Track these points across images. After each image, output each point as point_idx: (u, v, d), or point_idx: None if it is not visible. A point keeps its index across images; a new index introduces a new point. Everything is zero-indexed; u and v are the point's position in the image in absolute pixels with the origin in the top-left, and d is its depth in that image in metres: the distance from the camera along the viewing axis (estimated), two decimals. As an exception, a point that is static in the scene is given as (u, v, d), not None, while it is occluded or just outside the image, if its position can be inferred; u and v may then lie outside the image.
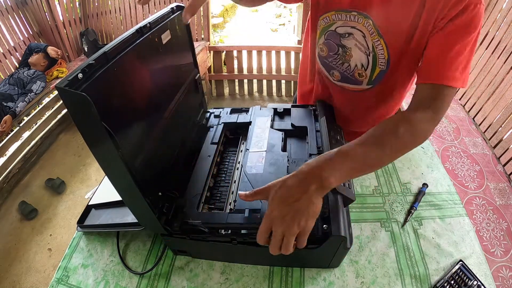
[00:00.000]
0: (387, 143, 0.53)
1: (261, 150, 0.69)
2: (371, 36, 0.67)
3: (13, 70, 2.63)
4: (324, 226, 0.52)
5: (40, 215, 2.11)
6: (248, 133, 0.76)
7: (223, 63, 3.12)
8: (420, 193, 0.76)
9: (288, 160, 0.66)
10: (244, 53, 2.99)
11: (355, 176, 0.53)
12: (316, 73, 0.86)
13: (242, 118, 0.82)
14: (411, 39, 0.62)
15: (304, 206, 0.46)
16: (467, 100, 1.91)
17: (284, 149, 0.71)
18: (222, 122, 0.81)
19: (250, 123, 0.79)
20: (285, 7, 5.61)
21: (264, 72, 3.07)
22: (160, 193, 0.57)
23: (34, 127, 2.51)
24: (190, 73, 0.76)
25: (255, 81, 3.17)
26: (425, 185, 0.79)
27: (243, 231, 0.55)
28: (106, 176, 0.76)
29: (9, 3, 2.60)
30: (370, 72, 0.73)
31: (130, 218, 0.63)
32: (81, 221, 0.73)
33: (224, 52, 3.07)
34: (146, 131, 0.55)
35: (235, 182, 0.67)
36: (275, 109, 0.83)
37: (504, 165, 1.52)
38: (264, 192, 0.50)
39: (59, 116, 2.80)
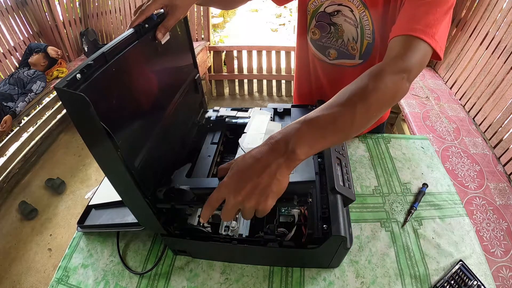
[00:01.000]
0: (356, 102, 0.46)
1: (260, 133, 0.69)
2: (357, 8, 0.72)
3: (13, 70, 2.63)
4: (324, 226, 0.52)
5: (40, 215, 2.11)
6: (246, 126, 0.75)
7: (223, 63, 3.12)
8: (420, 193, 0.76)
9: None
10: (244, 53, 2.99)
11: (326, 146, 0.46)
12: (310, 63, 0.91)
13: (242, 118, 0.82)
14: (388, 8, 0.67)
15: (266, 182, 0.41)
16: (467, 100, 1.91)
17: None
18: (222, 122, 0.81)
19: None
20: (285, 7, 5.60)
21: (264, 72, 3.07)
22: (159, 193, 0.57)
23: (34, 127, 2.51)
24: (189, 73, 0.76)
25: (255, 81, 3.17)
26: (425, 185, 0.78)
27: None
28: (106, 176, 0.76)
29: (9, 3, 2.60)
30: (360, 45, 0.77)
31: (130, 218, 0.63)
32: (81, 221, 0.73)
33: (224, 52, 3.07)
34: (146, 132, 0.55)
35: (235, 182, 0.67)
36: (275, 109, 0.83)
37: (504, 165, 1.52)
38: (229, 166, 0.45)
39: (59, 116, 2.80)
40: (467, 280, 0.61)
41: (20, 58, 2.69)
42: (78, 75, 0.37)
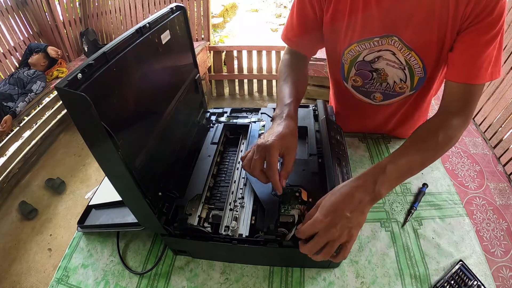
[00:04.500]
0: (428, 150, 0.57)
1: None
2: (400, 51, 0.67)
3: (13, 70, 2.63)
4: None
5: (40, 215, 2.11)
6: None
7: (223, 63, 3.12)
8: (420, 193, 0.76)
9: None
10: (244, 53, 2.99)
11: (398, 184, 0.55)
12: (353, 104, 0.86)
13: (242, 118, 0.82)
14: (442, 47, 0.63)
15: (356, 216, 0.47)
16: (467, 100, 1.91)
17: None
18: (222, 122, 0.81)
19: (250, 123, 0.79)
20: (285, 7, 5.61)
21: (264, 72, 3.07)
22: (160, 193, 0.57)
23: (34, 127, 2.51)
24: (190, 73, 0.76)
25: (255, 81, 3.17)
26: (425, 185, 0.78)
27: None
28: (106, 176, 0.76)
29: (9, 3, 2.60)
30: (410, 82, 0.74)
31: (130, 218, 0.63)
32: (81, 221, 0.73)
33: (224, 52, 3.07)
34: (146, 131, 0.55)
35: (235, 182, 0.67)
36: (275, 109, 0.83)
37: (504, 165, 1.52)
38: (317, 205, 0.51)
39: (59, 116, 2.80)
40: (467, 280, 0.61)
41: (20, 58, 2.69)
42: (79, 75, 0.37)
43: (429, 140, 0.57)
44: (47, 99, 2.64)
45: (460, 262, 0.63)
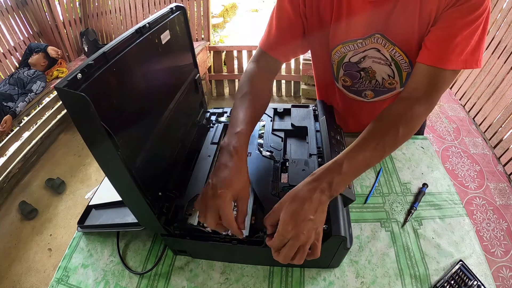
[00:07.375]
0: (386, 145, 0.55)
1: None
2: (385, 47, 0.68)
3: (13, 70, 2.63)
4: (324, 226, 0.52)
5: (40, 215, 2.11)
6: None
7: (223, 63, 3.12)
8: (420, 193, 0.76)
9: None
10: (244, 53, 2.99)
11: (355, 178, 0.55)
12: (338, 97, 0.87)
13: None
14: (423, 38, 0.62)
15: (319, 217, 0.48)
16: (467, 100, 1.91)
17: (284, 151, 0.71)
18: (222, 122, 0.81)
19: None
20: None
21: (264, 72, 3.07)
22: (160, 193, 0.57)
23: (34, 127, 2.51)
24: (190, 73, 0.76)
25: (255, 81, 3.17)
26: (425, 185, 0.78)
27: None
28: (106, 176, 0.76)
29: (9, 3, 2.60)
30: (399, 78, 0.74)
31: (130, 218, 0.63)
32: (81, 221, 0.73)
33: (224, 52, 3.07)
34: (146, 131, 0.55)
35: (235, 182, 0.67)
36: (275, 109, 0.83)
37: (504, 165, 1.52)
38: (276, 212, 0.49)
39: (59, 116, 2.80)
40: (467, 280, 0.61)
41: (20, 58, 2.69)
42: (79, 75, 0.37)
43: (389, 134, 0.55)
44: (47, 99, 2.64)
45: (460, 262, 0.63)
